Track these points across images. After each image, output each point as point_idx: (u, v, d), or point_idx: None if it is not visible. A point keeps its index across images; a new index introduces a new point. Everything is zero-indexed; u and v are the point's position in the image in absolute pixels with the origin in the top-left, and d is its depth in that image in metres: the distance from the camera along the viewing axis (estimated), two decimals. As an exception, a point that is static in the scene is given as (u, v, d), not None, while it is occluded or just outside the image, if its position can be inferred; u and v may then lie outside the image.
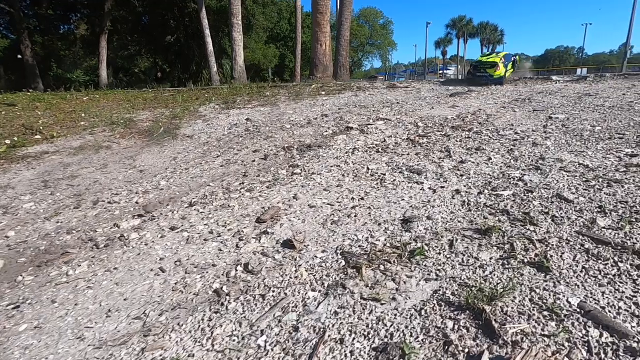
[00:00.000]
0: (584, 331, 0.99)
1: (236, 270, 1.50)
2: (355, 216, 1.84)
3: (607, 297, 1.11)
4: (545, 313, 1.07)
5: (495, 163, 2.47)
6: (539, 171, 2.19)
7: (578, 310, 1.06)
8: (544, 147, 2.70)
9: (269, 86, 10.38)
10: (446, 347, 0.98)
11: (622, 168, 2.09)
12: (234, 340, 1.11)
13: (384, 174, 2.48)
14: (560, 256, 1.33)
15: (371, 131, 3.72)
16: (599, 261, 1.29)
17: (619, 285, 1.16)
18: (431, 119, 4.13)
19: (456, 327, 1.06)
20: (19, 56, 20.68)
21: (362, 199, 2.09)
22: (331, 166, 2.75)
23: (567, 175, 2.07)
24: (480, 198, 1.91)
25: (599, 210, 1.63)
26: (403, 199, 2.02)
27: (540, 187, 1.94)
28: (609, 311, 1.06)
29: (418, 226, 1.66)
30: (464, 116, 4.13)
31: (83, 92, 13.98)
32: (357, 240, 1.62)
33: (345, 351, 1.02)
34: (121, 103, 8.84)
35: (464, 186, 2.11)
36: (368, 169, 2.62)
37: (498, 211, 1.72)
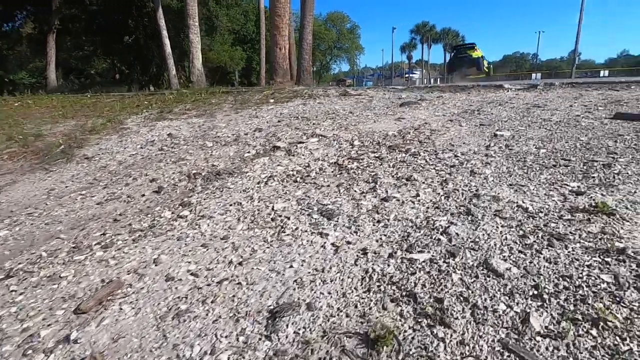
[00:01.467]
0: None
1: None
2: (212, 302, 1.29)
3: None
4: None
5: (423, 202, 1.99)
6: (469, 218, 1.73)
7: None
8: (482, 177, 2.26)
9: (220, 92, 9.68)
10: None
11: (567, 214, 1.67)
12: None
13: (288, 218, 1.95)
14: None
15: (299, 152, 3.20)
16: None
17: None
18: (371, 135, 3.66)
19: None
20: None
21: (240, 264, 1.54)
22: (231, 205, 2.19)
23: (502, 226, 1.62)
24: (388, 266, 1.41)
25: (535, 294, 1.17)
26: (292, 265, 1.49)
27: (466, 248, 1.47)
28: None
29: (287, 327, 1.13)
30: (407, 132, 3.69)
31: (18, 97, 12.65)
32: None
33: None
34: (53, 110, 7.87)
35: (376, 242, 1.61)
36: (273, 209, 2.08)
37: (404, 295, 1.22)
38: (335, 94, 7.79)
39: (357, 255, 1.52)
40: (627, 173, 2.09)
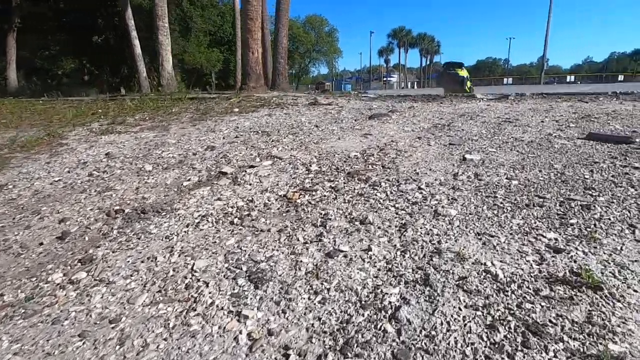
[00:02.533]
0: None
1: None
2: None
3: None
4: None
5: (375, 259, 1.62)
6: (427, 291, 1.36)
7: None
8: (447, 220, 1.91)
9: (186, 98, 9.12)
10: None
11: (545, 287, 1.33)
12: None
13: (207, 285, 1.53)
14: None
15: (246, 180, 2.78)
16: None
17: None
18: (332, 156, 3.28)
19: None
20: None
21: (116, 374, 1.13)
22: (143, 261, 1.75)
23: (465, 307, 1.26)
24: (312, 383, 1.03)
25: None
26: (185, 378, 1.09)
27: (417, 348, 1.10)
28: None
29: None
30: (370, 153, 3.33)
31: (-35, 101, 11.69)
32: None
33: None
34: (-4, 118, 7.11)
35: (306, 331, 1.22)
36: (192, 269, 1.65)
37: None
38: (305, 102, 7.40)
39: (275, 359, 1.12)
40: (609, 219, 1.78)
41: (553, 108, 5.73)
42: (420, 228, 1.86)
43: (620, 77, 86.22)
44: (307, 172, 2.91)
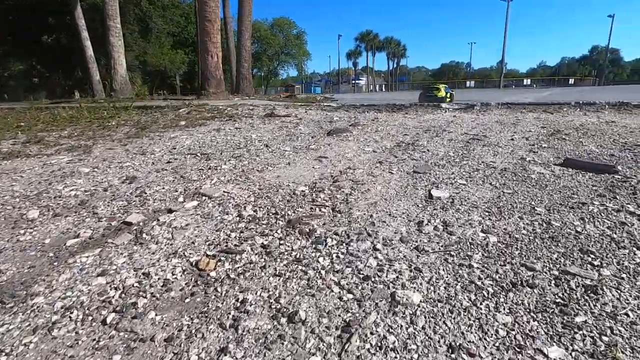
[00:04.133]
0: None
1: None
2: None
3: None
4: None
5: (296, 413, 1.01)
6: None
7: None
8: (408, 319, 1.33)
9: (132, 107, 8.17)
10: None
11: None
12: None
13: None
14: None
15: (154, 235, 2.09)
16: None
17: None
18: (274, 192, 2.65)
19: None
20: None
21: None
22: None
23: None
24: None
25: None
26: None
27: None
28: None
29: None
30: (322, 186, 2.73)
31: None
32: None
33: None
34: None
35: None
36: None
37: None
38: (262, 113, 6.72)
39: None
40: (627, 314, 1.27)
41: (520, 121, 5.39)
42: (370, 334, 1.26)
43: (571, 81, 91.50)
44: (238, 219, 2.26)
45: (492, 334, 1.22)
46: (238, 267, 1.75)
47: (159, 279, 1.69)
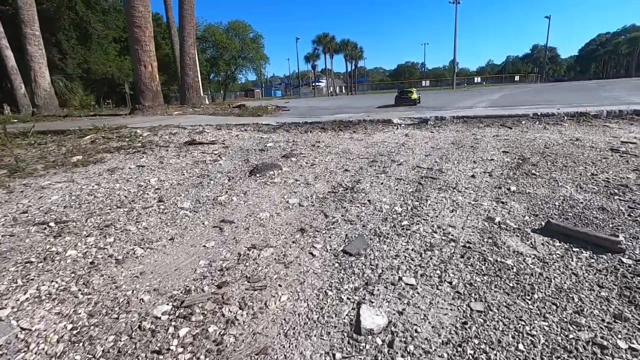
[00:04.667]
0: None
1: None
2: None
3: None
4: None
5: None
6: None
7: None
8: None
9: (32, 133, 6.65)
10: None
11: None
12: None
13: None
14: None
15: None
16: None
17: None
18: (111, 323, 1.56)
19: None
20: None
21: None
22: None
23: None
24: None
25: None
26: None
27: None
28: None
29: None
30: (197, 299, 1.68)
31: None
32: None
33: None
34: None
35: None
36: None
37: None
38: (182, 140, 5.53)
39: None
40: None
41: (478, 141, 4.63)
42: None
43: (516, 78, 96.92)
44: None
45: None
46: None
47: None
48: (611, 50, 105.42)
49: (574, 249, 1.91)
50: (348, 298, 1.64)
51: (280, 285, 1.78)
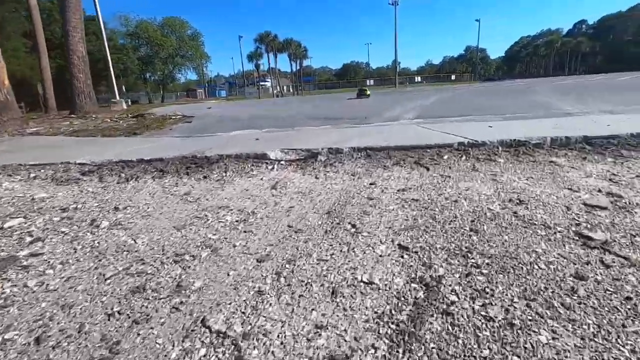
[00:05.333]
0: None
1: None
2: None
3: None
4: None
5: None
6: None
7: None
8: None
9: None
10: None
11: None
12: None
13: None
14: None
15: None
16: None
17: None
18: None
19: None
20: None
21: None
22: None
23: None
24: None
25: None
26: None
27: None
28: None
29: None
30: None
31: None
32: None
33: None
34: None
35: None
36: None
37: None
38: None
39: None
40: None
41: (370, 208, 2.67)
42: None
43: (453, 77, 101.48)
44: None
45: None
46: None
47: None
48: (532, 52, 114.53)
49: None
50: None
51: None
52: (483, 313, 1.44)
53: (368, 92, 21.89)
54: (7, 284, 1.86)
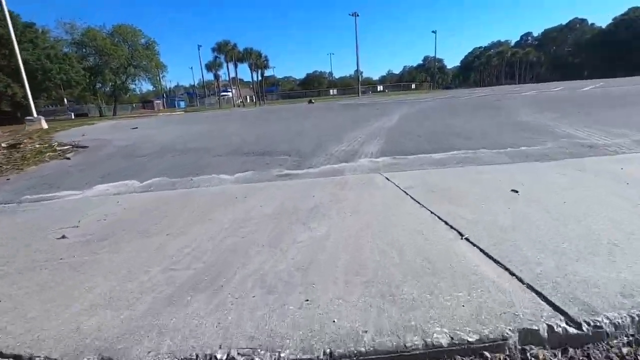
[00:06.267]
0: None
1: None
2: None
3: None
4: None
5: None
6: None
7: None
8: None
9: None
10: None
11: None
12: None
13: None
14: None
15: None
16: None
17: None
18: None
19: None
20: None
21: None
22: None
23: None
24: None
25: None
26: None
27: None
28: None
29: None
30: None
31: None
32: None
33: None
34: None
35: None
36: None
37: None
38: None
39: None
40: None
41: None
42: None
43: (413, 85, 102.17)
44: None
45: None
46: None
47: None
48: (485, 62, 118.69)
49: None
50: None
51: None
52: None
53: (314, 101, 29.58)
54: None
